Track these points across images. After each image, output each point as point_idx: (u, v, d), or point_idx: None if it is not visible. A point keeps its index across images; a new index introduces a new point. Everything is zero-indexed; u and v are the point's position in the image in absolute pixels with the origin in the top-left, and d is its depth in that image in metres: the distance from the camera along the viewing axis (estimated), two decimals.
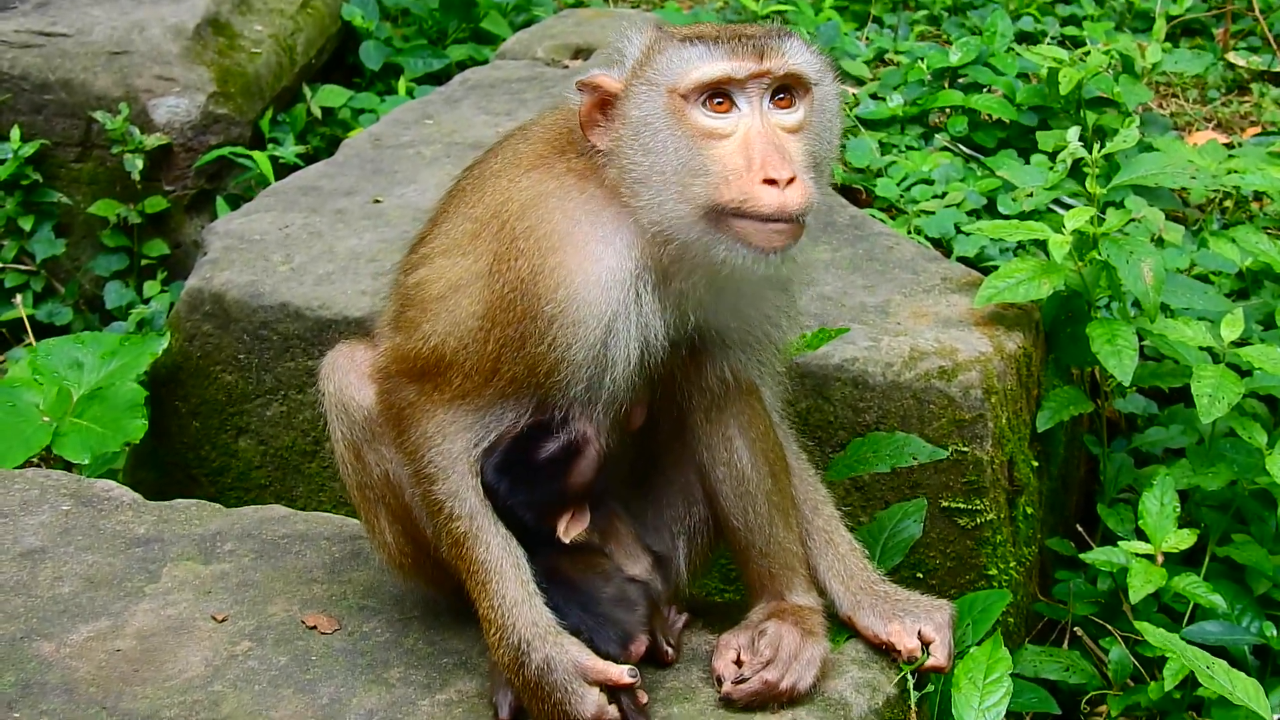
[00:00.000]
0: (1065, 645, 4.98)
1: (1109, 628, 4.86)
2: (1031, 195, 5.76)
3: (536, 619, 3.61)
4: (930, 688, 3.84)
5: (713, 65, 3.43)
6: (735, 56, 3.43)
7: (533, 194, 3.56)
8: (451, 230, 3.70)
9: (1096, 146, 5.18)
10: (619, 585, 3.73)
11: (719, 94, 3.44)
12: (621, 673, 3.57)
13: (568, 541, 3.71)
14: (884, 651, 3.90)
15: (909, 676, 3.79)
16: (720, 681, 3.74)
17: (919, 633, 3.85)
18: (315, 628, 4.01)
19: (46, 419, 5.13)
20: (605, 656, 3.62)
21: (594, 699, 3.57)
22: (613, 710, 3.58)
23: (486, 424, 3.64)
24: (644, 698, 3.63)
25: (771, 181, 3.38)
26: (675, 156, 3.44)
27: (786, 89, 3.48)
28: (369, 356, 3.82)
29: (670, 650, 3.82)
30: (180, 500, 4.53)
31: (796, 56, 3.48)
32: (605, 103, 3.52)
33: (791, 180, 3.37)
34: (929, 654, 3.83)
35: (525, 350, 3.53)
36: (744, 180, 3.40)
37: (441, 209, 3.84)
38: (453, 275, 3.63)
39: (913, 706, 3.63)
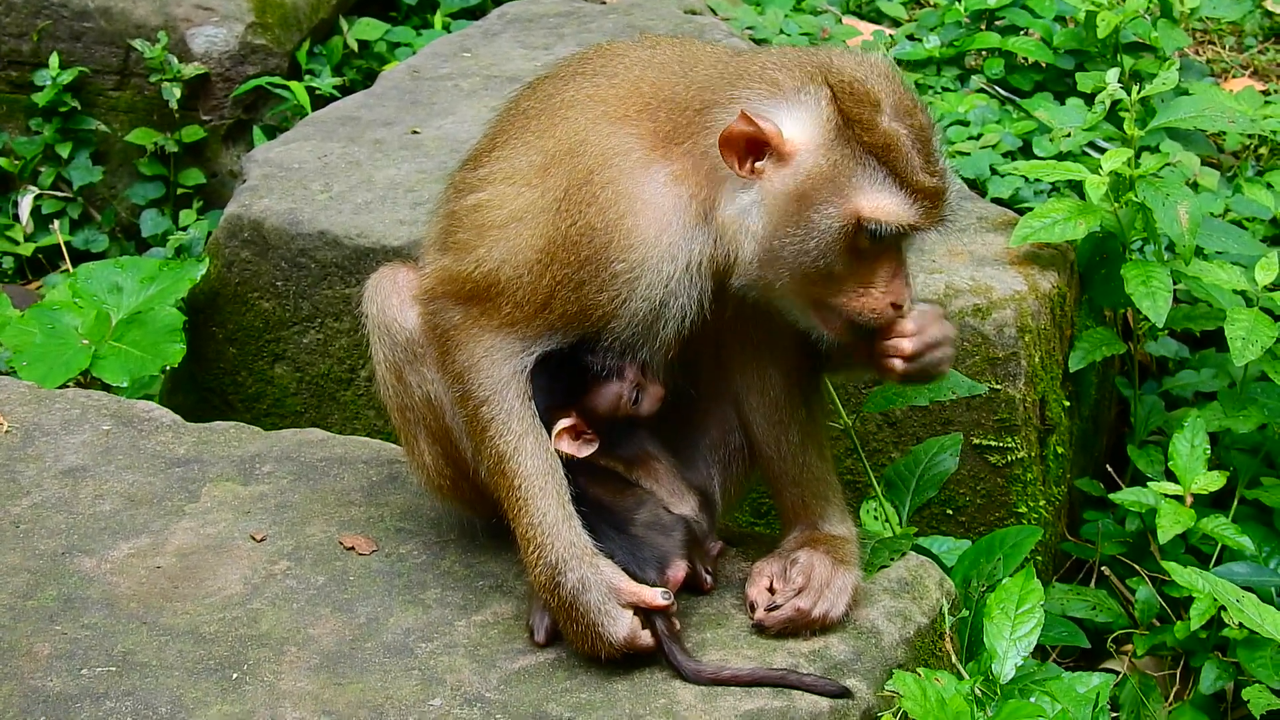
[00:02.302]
0: (1092, 584, 5.02)
1: (1136, 568, 4.90)
2: (1070, 135, 5.76)
3: (574, 539, 3.65)
4: (965, 612, 3.88)
5: (904, 216, 3.49)
6: (924, 216, 3.51)
7: (615, 148, 3.56)
8: (514, 157, 3.68)
9: (1135, 89, 5.17)
10: (652, 511, 3.77)
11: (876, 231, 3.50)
12: (655, 595, 3.61)
13: (553, 449, 3.73)
14: None
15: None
16: (753, 608, 3.78)
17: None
18: (353, 549, 4.06)
19: (85, 341, 5.18)
20: (642, 582, 3.65)
21: (626, 621, 3.61)
22: (645, 634, 3.62)
23: (532, 352, 3.67)
24: (678, 624, 3.67)
25: (897, 307, 3.56)
26: (823, 259, 3.49)
27: None
28: (412, 279, 3.84)
29: (709, 579, 3.86)
30: (219, 422, 4.58)
31: (954, 207, 3.61)
32: (760, 143, 3.47)
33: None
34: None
35: (581, 293, 3.56)
36: (875, 300, 3.55)
37: (500, 129, 3.81)
38: (515, 205, 3.62)
39: (947, 633, 3.67)
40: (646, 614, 3.63)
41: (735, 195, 3.52)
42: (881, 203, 3.47)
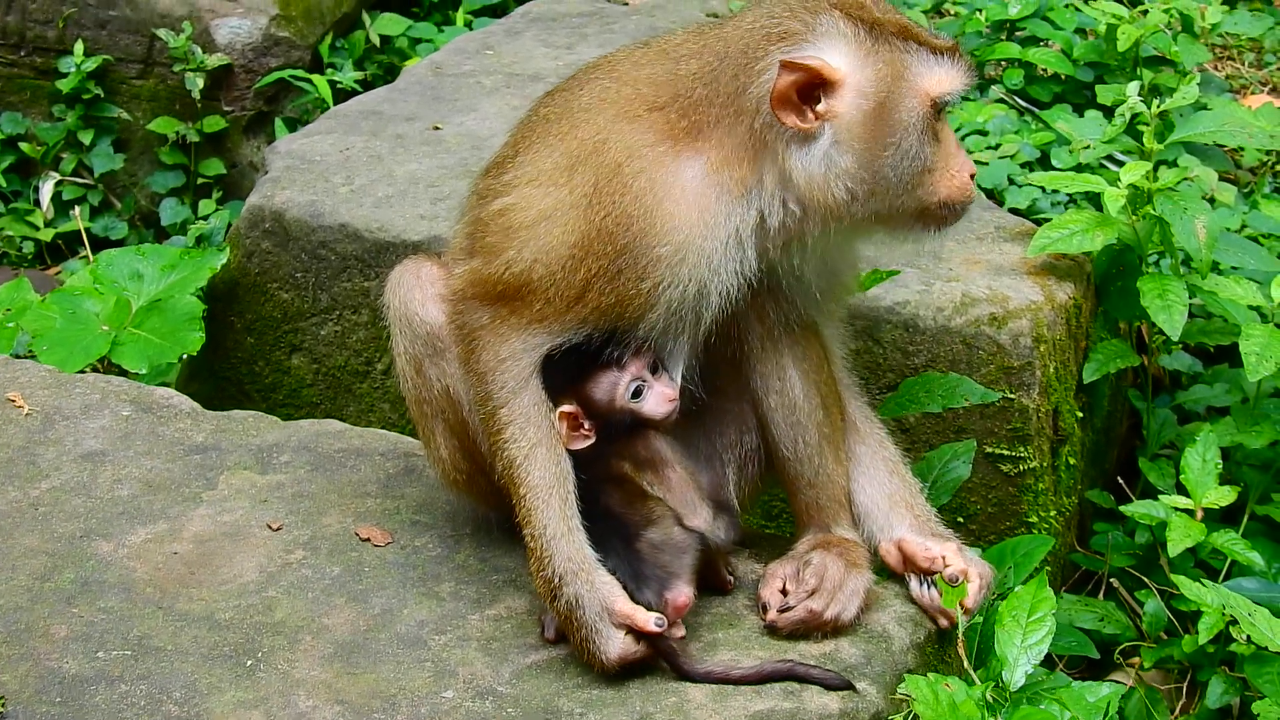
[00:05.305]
0: (1101, 596, 5.03)
1: (1145, 580, 4.91)
2: (1089, 147, 5.77)
3: (573, 554, 3.66)
4: (979, 619, 3.90)
5: (962, 81, 3.65)
6: (967, 74, 3.67)
7: (640, 141, 3.59)
8: (538, 160, 3.70)
9: (1155, 103, 5.19)
10: (664, 530, 3.73)
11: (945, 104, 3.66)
12: (648, 620, 3.60)
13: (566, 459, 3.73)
14: (906, 579, 3.95)
15: (940, 586, 3.82)
16: (765, 609, 3.81)
17: (964, 570, 3.88)
18: (368, 540, 4.08)
19: (105, 327, 5.20)
20: (639, 603, 3.64)
21: (618, 641, 3.63)
22: (639, 650, 3.63)
23: (558, 346, 3.69)
24: (679, 632, 3.68)
25: (972, 176, 3.73)
26: (921, 153, 3.61)
27: None
28: (435, 273, 3.87)
29: (731, 580, 3.89)
30: (238, 411, 4.60)
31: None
32: (812, 85, 3.54)
33: None
34: (966, 590, 3.84)
35: (618, 283, 3.59)
36: (960, 175, 3.68)
37: (522, 135, 3.84)
38: (543, 205, 3.64)
39: (960, 637, 3.69)
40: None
41: (805, 152, 3.58)
42: (939, 76, 3.61)
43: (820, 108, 3.54)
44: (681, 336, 3.69)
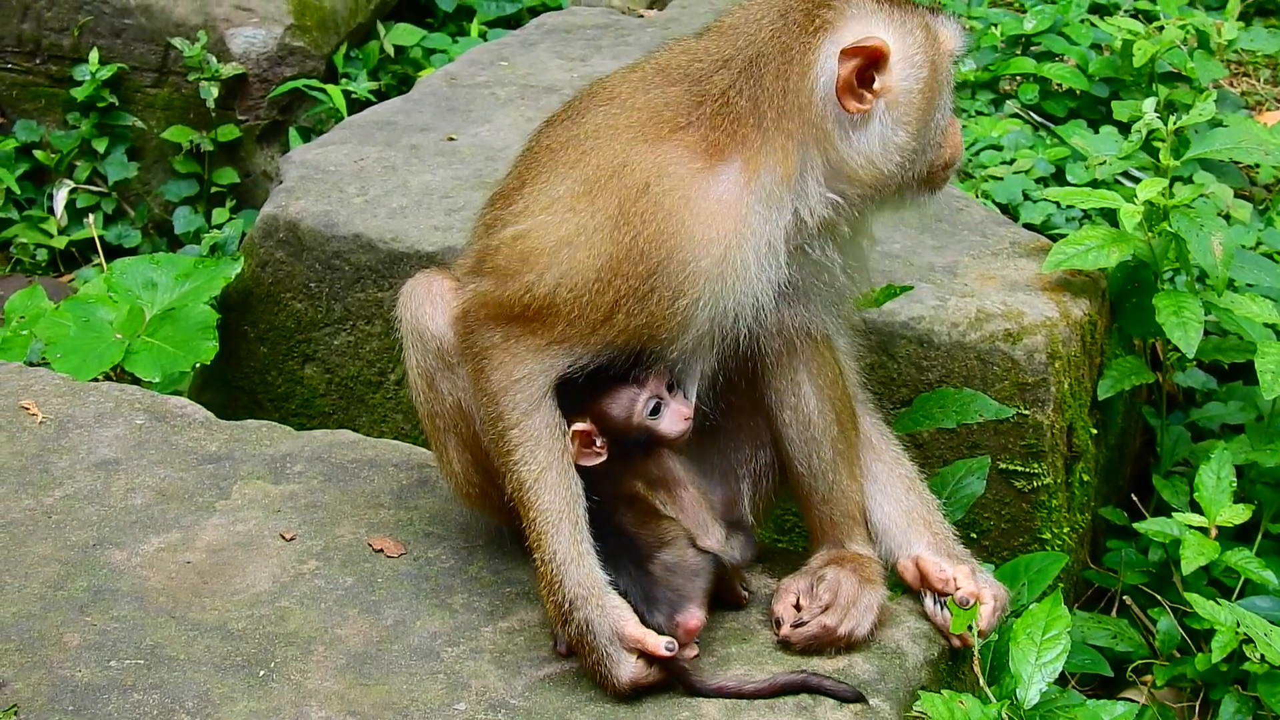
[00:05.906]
0: (1114, 613, 5.02)
1: (1158, 598, 4.90)
2: (1105, 164, 5.77)
3: (583, 579, 3.65)
4: (995, 636, 3.89)
5: (962, 33, 3.76)
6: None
7: (666, 159, 3.57)
8: (550, 188, 3.66)
9: (1171, 119, 5.19)
10: (678, 552, 3.72)
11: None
12: (659, 644, 3.59)
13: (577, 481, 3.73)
14: (922, 595, 3.96)
15: (951, 609, 3.82)
16: (779, 624, 3.80)
17: (975, 593, 3.87)
18: (381, 551, 4.08)
19: (119, 336, 5.21)
20: (650, 625, 3.63)
21: (630, 664, 3.61)
22: (652, 674, 3.62)
23: (572, 367, 3.67)
24: (691, 653, 3.66)
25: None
26: (947, 113, 3.75)
27: None
28: (447, 287, 3.85)
29: (746, 595, 3.89)
30: (251, 420, 4.60)
31: None
32: (868, 69, 3.58)
33: None
34: (977, 613, 3.83)
35: (649, 302, 3.56)
36: (959, 135, 3.82)
37: (527, 166, 3.79)
38: (563, 231, 3.60)
39: (975, 654, 3.68)
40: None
41: (862, 134, 3.62)
42: (950, 31, 3.74)
43: (876, 86, 3.59)
44: (709, 353, 3.68)
